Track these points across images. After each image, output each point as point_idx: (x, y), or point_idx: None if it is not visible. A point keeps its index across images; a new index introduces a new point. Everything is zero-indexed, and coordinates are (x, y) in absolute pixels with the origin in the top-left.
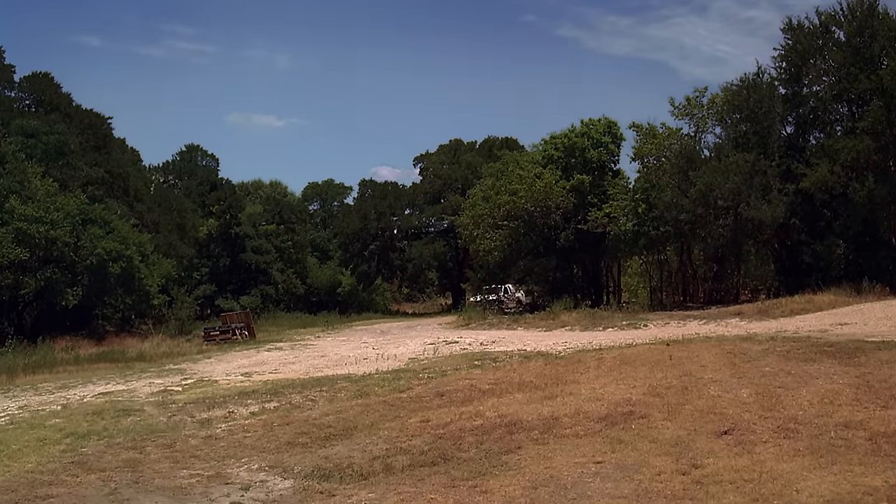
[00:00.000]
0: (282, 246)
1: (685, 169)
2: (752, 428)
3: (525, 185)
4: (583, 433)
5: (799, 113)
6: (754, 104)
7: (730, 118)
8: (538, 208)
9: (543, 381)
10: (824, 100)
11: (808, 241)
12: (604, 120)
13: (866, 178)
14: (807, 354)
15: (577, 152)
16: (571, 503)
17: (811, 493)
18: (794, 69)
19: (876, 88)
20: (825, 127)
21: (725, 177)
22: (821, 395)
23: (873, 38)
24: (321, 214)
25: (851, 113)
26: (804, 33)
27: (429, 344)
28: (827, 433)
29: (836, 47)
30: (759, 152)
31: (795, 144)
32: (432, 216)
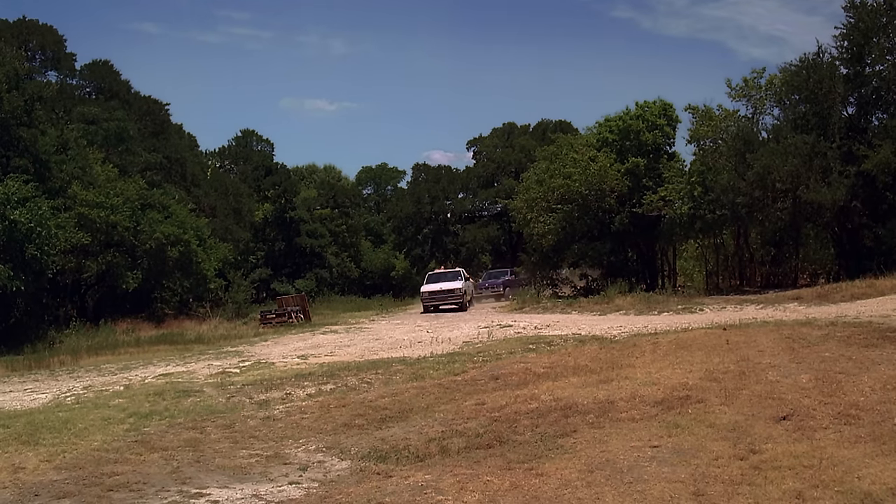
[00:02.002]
0: (336, 230)
1: (742, 151)
2: (812, 414)
3: (579, 168)
4: (638, 417)
5: (861, 93)
6: (814, 85)
7: (788, 99)
8: (592, 192)
9: (598, 364)
10: (888, 79)
11: (870, 224)
12: (659, 102)
13: None
14: (868, 340)
15: (631, 135)
16: (628, 486)
17: (873, 481)
18: (856, 48)
19: None
20: (888, 107)
21: (784, 159)
22: (883, 381)
23: None
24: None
25: None
26: (867, 11)
27: (483, 327)
28: (890, 420)
29: None
30: (818, 134)
31: (857, 125)
32: (485, 200)
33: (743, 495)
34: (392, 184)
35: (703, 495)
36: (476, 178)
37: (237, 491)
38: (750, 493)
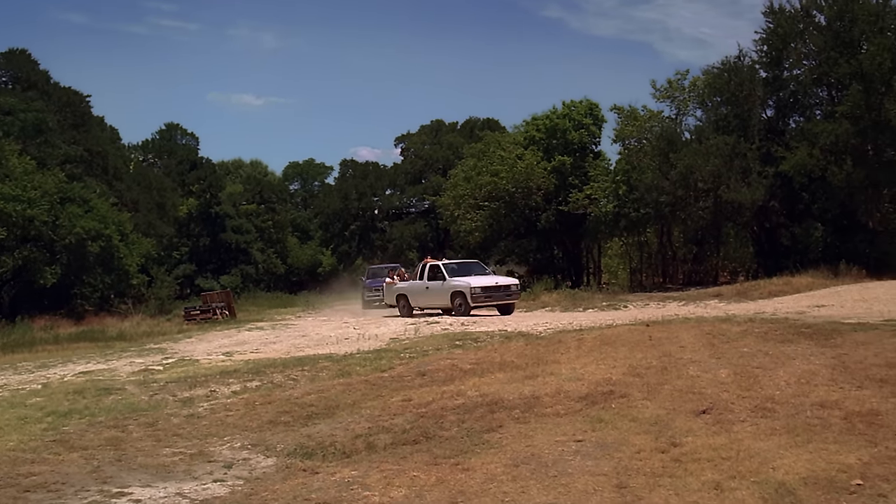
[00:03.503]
0: (262, 225)
1: (666, 151)
2: (730, 407)
3: (506, 166)
4: (563, 412)
5: (779, 96)
6: (735, 87)
7: (711, 101)
8: (519, 189)
9: (524, 360)
10: (804, 84)
11: (787, 223)
12: (585, 101)
13: (844, 162)
14: (784, 335)
15: (558, 134)
16: (552, 480)
17: (787, 471)
18: (775, 53)
19: (855, 73)
20: (805, 111)
21: (706, 159)
22: (797, 375)
23: (853, 22)
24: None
25: (831, 97)
26: (785, 17)
27: (410, 324)
28: (803, 412)
29: (816, 31)
30: (739, 135)
31: (775, 128)
32: (413, 196)
33: (664, 487)
34: (319, 179)
35: (626, 488)
36: (404, 175)
37: (160, 490)
38: (671, 485)
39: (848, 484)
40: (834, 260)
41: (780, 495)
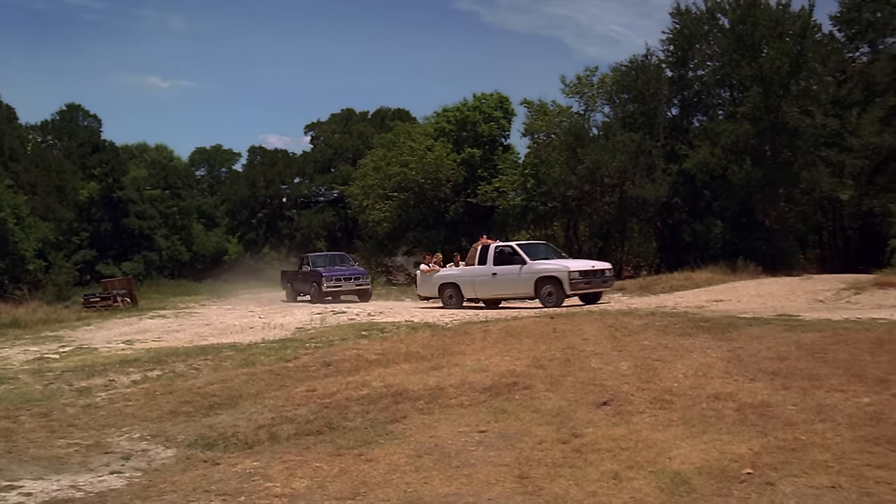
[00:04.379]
0: (167, 211)
1: (574, 146)
2: (630, 399)
3: (416, 156)
4: (467, 403)
5: (684, 96)
6: (642, 85)
7: (618, 98)
8: (428, 180)
9: (430, 351)
10: (708, 84)
11: (689, 220)
12: (496, 95)
13: (744, 161)
14: (683, 329)
15: (468, 126)
16: (455, 471)
17: (682, 461)
18: (680, 53)
19: (756, 75)
20: (708, 110)
21: (612, 155)
22: (695, 368)
23: (755, 26)
24: (208, 180)
25: (733, 98)
26: (691, 18)
27: (316, 314)
28: (699, 404)
29: (720, 34)
30: (645, 132)
31: (680, 126)
32: (322, 185)
33: (564, 477)
34: (226, 166)
35: (527, 478)
36: (313, 163)
37: (53, 482)
38: (571, 475)
39: (739, 473)
40: (732, 256)
41: (675, 484)
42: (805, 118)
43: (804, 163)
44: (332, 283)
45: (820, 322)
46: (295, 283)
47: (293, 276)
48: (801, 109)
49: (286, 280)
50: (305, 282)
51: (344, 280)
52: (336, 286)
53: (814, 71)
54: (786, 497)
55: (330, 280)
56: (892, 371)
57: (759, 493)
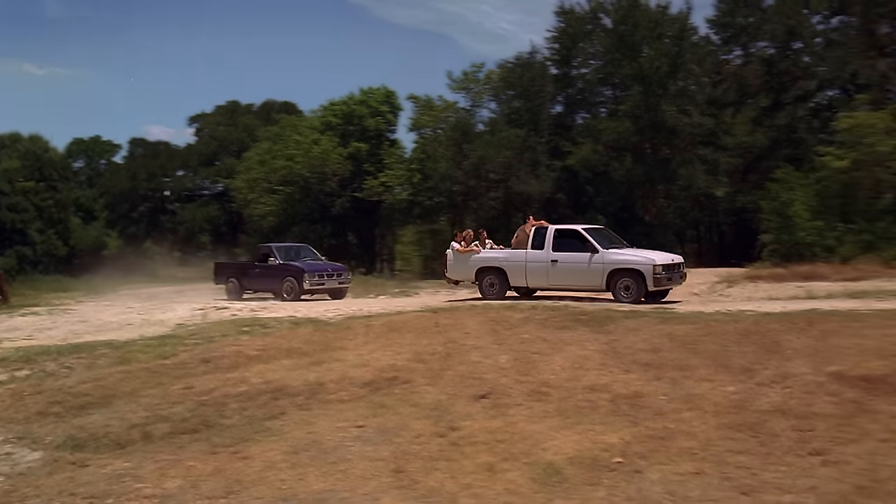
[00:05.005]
0: (41, 204)
1: (460, 141)
2: (508, 392)
3: (302, 150)
4: (347, 398)
5: (568, 93)
6: (527, 82)
7: (504, 94)
8: (314, 174)
9: (311, 347)
10: (591, 82)
11: (572, 215)
12: (383, 89)
13: (625, 158)
14: (562, 322)
15: (355, 120)
16: (331, 466)
17: (556, 451)
18: (565, 51)
19: (636, 74)
20: (591, 108)
21: (498, 151)
22: (572, 360)
23: (636, 27)
24: (87, 172)
25: (615, 96)
26: (575, 18)
27: (198, 310)
28: (575, 396)
29: (603, 33)
30: (529, 129)
31: (563, 123)
32: (206, 178)
33: (440, 470)
34: (106, 158)
35: (403, 472)
36: (197, 156)
37: None
38: (447, 468)
39: (609, 462)
40: None
41: (547, 475)
42: (683, 117)
43: (682, 160)
44: (315, 279)
45: (693, 314)
46: (246, 279)
47: (242, 270)
48: (678, 108)
49: (227, 274)
50: (272, 277)
51: (327, 276)
52: (319, 283)
53: (691, 72)
54: (652, 484)
55: (313, 276)
56: (757, 361)
57: (627, 481)
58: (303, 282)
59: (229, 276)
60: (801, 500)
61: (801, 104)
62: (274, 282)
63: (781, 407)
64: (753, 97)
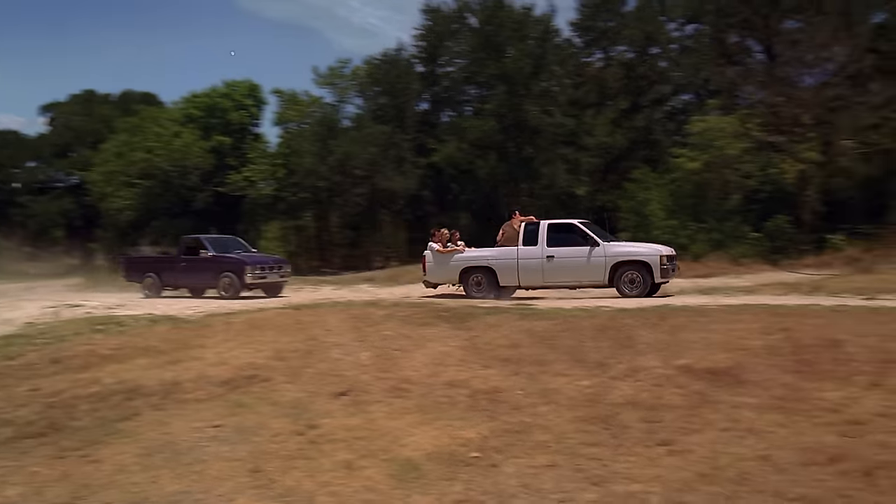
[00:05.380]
0: None
1: (325, 137)
2: (368, 389)
3: (162, 143)
4: (204, 397)
5: (434, 91)
6: (393, 79)
7: (370, 91)
8: (175, 168)
9: (169, 345)
10: (456, 80)
11: (437, 212)
12: (247, 82)
13: (489, 157)
14: (424, 319)
15: (217, 113)
16: (186, 468)
17: (415, 448)
18: (431, 49)
19: (501, 74)
20: (456, 106)
21: (363, 147)
22: (433, 356)
23: (500, 27)
24: None
25: (480, 95)
26: (441, 16)
27: (49, 307)
28: (435, 392)
29: (468, 33)
30: (395, 125)
31: (429, 121)
32: (60, 170)
33: (298, 469)
34: None
35: (261, 471)
36: (50, 147)
37: None
38: (305, 467)
39: (466, 457)
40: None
41: (405, 470)
42: (545, 117)
43: (544, 159)
44: (257, 272)
45: (552, 311)
46: (169, 274)
47: (163, 265)
48: (541, 109)
49: (143, 270)
50: (203, 271)
51: (269, 270)
52: (261, 277)
53: (554, 73)
54: (508, 477)
55: (255, 269)
56: (611, 355)
57: (483, 475)
58: (244, 276)
59: (146, 271)
60: (648, 488)
61: (657, 107)
62: (206, 276)
63: (632, 399)
64: (613, 99)
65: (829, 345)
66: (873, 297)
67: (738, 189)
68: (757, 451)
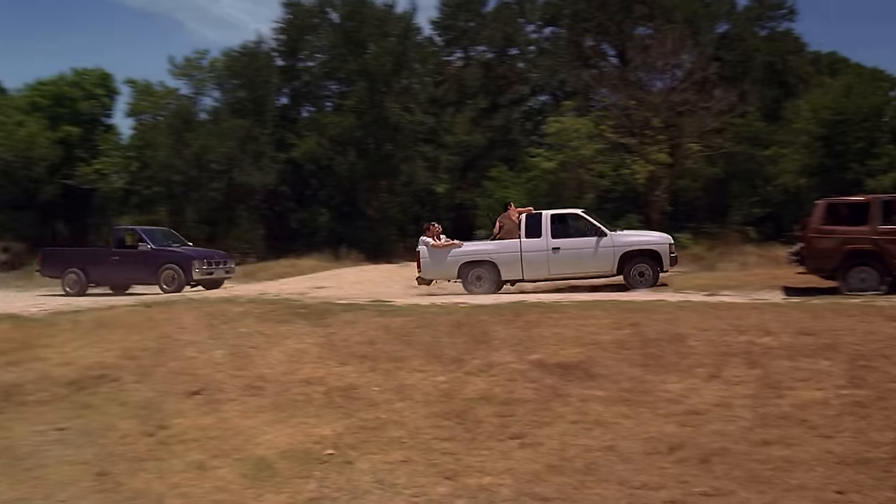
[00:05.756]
0: None
1: (181, 129)
2: (222, 387)
3: (5, 132)
4: (48, 399)
5: (294, 86)
6: (253, 72)
7: (228, 83)
8: (18, 158)
9: (9, 345)
10: (317, 76)
11: (296, 208)
12: (98, 71)
13: (349, 153)
14: (282, 316)
15: (66, 102)
16: (25, 473)
17: (269, 446)
18: (292, 43)
19: (362, 70)
20: (316, 102)
21: (220, 141)
22: (289, 354)
23: (362, 23)
24: None
25: (340, 91)
26: (302, 10)
27: None
28: (290, 389)
29: (330, 28)
30: (254, 119)
31: (289, 115)
32: None
33: (147, 471)
34: None
35: (108, 474)
36: None
37: None
38: (154, 468)
39: (321, 454)
40: (337, 244)
41: (258, 469)
42: (405, 115)
43: (404, 157)
44: (204, 267)
45: (409, 307)
46: (98, 269)
47: (89, 259)
48: (402, 106)
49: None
50: (142, 265)
51: (215, 265)
52: (208, 272)
53: (414, 71)
54: (362, 474)
55: (202, 264)
56: (467, 351)
57: (338, 472)
58: (191, 270)
59: (68, 265)
60: (499, 480)
61: (515, 107)
62: (145, 271)
63: (486, 394)
64: (472, 98)
65: (673, 339)
66: (714, 294)
67: (592, 188)
68: (604, 442)
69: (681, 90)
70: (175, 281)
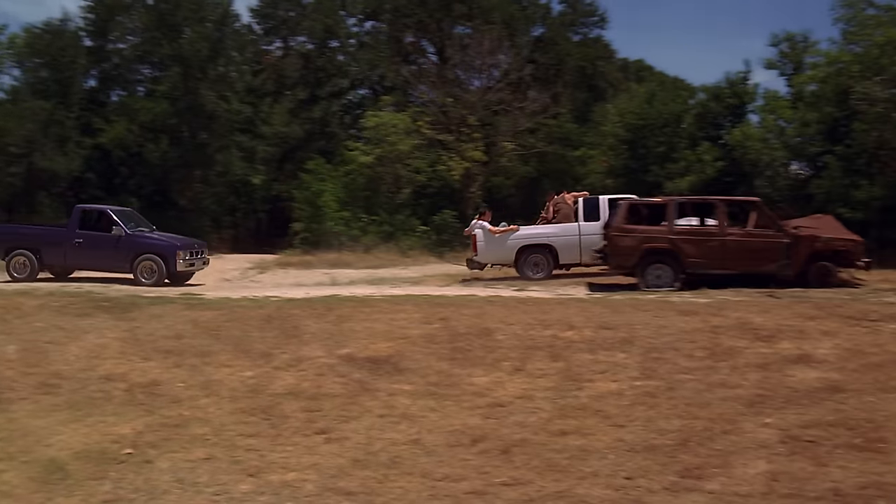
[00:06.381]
0: None
1: None
2: (13, 385)
3: None
4: None
5: (103, 68)
6: (57, 51)
7: (30, 62)
8: None
9: None
10: (128, 58)
11: (104, 196)
12: None
13: (162, 140)
14: (82, 309)
15: None
16: None
17: (62, 447)
18: (101, 23)
19: (176, 55)
20: (127, 86)
21: (19, 123)
22: (89, 349)
23: (177, 7)
24: None
25: (153, 76)
26: None
27: None
28: (88, 387)
29: (142, 9)
30: (58, 101)
31: (97, 99)
32: None
33: None
34: None
35: None
36: None
37: None
38: None
39: (119, 454)
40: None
41: (48, 472)
42: (222, 103)
43: (219, 146)
44: (188, 258)
45: (219, 301)
46: (53, 253)
47: (43, 240)
48: (218, 94)
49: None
50: (112, 252)
51: (195, 256)
52: (190, 264)
53: (232, 58)
54: (162, 472)
55: (186, 254)
56: (277, 346)
57: (136, 472)
58: (175, 262)
59: (14, 247)
60: (304, 476)
61: (334, 100)
62: (115, 259)
63: (294, 389)
64: (291, 89)
65: (481, 333)
66: (523, 289)
67: (408, 184)
68: (409, 435)
69: (497, 90)
70: (155, 273)
